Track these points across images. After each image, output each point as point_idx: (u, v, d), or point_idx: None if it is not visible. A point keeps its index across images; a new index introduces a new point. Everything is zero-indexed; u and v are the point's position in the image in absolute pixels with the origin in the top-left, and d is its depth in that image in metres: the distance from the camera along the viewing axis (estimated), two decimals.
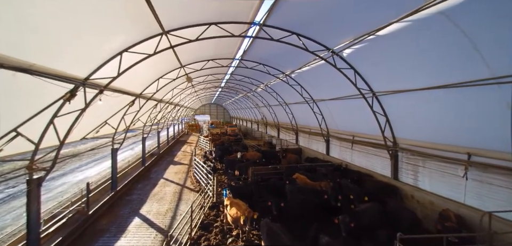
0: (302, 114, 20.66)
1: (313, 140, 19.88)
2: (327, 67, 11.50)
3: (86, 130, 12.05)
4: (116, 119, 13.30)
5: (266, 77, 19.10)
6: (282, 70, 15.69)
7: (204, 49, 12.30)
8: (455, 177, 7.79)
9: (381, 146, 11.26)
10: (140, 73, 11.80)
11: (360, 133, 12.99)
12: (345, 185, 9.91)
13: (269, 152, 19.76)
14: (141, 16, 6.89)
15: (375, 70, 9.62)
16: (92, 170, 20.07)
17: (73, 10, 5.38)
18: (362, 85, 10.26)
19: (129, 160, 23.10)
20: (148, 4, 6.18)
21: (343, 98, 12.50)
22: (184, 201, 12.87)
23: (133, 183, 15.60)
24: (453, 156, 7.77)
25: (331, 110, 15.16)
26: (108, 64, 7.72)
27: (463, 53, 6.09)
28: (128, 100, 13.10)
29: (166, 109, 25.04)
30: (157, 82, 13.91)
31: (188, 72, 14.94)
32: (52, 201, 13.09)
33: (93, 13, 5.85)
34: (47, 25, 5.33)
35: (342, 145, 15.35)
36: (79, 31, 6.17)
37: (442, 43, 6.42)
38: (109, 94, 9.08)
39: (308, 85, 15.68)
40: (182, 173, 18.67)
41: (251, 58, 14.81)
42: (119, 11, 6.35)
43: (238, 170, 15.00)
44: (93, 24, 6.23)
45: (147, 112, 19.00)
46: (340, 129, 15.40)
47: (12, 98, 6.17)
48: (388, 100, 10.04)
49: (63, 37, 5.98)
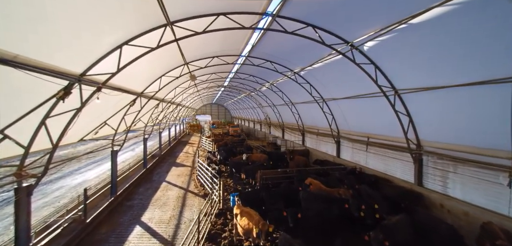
0: (309, 114, 19.83)
1: (321, 142, 19.03)
2: (342, 63, 10.68)
3: (84, 131, 11.26)
4: (116, 119, 12.51)
5: (273, 75, 18.29)
6: (290, 67, 14.86)
7: (209, 44, 11.49)
8: (495, 185, 6.95)
9: (401, 149, 10.42)
10: (142, 71, 11.02)
11: (377, 135, 12.13)
12: (365, 191, 9.07)
13: (275, 153, 18.92)
14: (143, 3, 6.09)
15: (398, 65, 8.77)
16: (92, 173, 19.29)
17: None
18: (383, 82, 9.41)
19: (130, 162, 22.34)
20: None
21: (358, 97, 11.65)
22: (188, 207, 12.06)
23: (134, 187, 14.81)
24: (493, 161, 6.92)
25: (343, 110, 14.31)
26: (106, 59, 6.92)
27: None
28: (129, 100, 12.31)
29: (167, 109, 24.25)
30: (159, 80, 13.12)
31: (191, 69, 14.14)
32: (47, 208, 12.30)
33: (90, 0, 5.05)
34: (38, 13, 4.54)
35: (354, 147, 14.50)
36: (74, 20, 5.38)
37: (498, 30, 5.44)
38: (108, 92, 8.28)
39: (318, 83, 14.84)
40: (185, 176, 17.87)
41: (258, 55, 13.99)
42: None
43: (245, 173, 14.18)
44: (89, 13, 5.43)
45: (148, 111, 18.20)
46: (352, 129, 14.55)
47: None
48: (412, 99, 9.19)
49: (55, 27, 5.19)
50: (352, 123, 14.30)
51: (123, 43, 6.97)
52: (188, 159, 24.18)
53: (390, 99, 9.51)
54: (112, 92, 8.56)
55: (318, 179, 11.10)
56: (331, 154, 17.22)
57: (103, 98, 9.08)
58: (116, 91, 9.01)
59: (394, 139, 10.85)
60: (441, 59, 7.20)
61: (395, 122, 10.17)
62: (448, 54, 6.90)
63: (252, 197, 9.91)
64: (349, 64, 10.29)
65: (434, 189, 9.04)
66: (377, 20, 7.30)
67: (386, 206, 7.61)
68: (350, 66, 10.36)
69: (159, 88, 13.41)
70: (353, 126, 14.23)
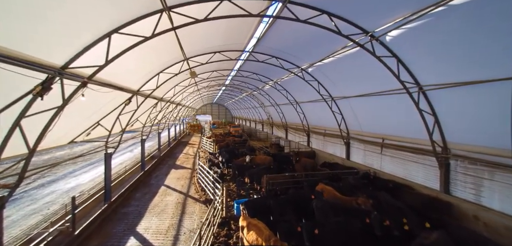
0: (316, 113, 18.84)
1: (328, 143, 18.03)
2: (356, 57, 9.70)
3: (74, 132, 10.31)
4: (110, 120, 11.55)
5: (277, 73, 17.30)
6: (298, 63, 13.88)
7: (211, 38, 10.51)
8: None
9: (424, 152, 9.42)
10: (137, 67, 10.06)
11: (394, 136, 11.13)
12: (385, 200, 8.07)
13: (280, 155, 17.95)
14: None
15: (422, 58, 7.77)
16: (87, 175, 18.33)
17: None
18: (405, 78, 8.41)
19: (128, 164, 21.40)
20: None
21: (374, 95, 10.65)
22: (188, 215, 11.09)
23: (130, 192, 13.84)
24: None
25: (354, 109, 13.31)
26: (92, 49, 5.94)
27: None
28: (124, 98, 11.35)
29: (167, 109, 23.30)
30: (157, 77, 12.15)
31: (192, 66, 13.16)
32: (35, 215, 11.34)
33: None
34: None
35: (367, 149, 13.50)
36: (54, 3, 4.43)
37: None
38: (97, 89, 7.30)
39: (326, 81, 13.84)
40: (185, 179, 16.90)
41: (263, 50, 13.01)
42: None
43: (249, 177, 13.20)
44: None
45: (146, 111, 17.23)
46: (364, 130, 13.55)
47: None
48: (438, 97, 8.19)
49: (30, 10, 4.23)
50: (364, 123, 13.30)
51: (112, 31, 6.00)
52: (188, 161, 23.22)
53: (414, 97, 8.50)
54: (101, 89, 7.58)
55: (330, 184, 10.12)
56: (339, 156, 16.23)
57: (94, 96, 8.13)
58: (107, 87, 8.03)
59: (415, 141, 9.85)
60: (476, 50, 6.20)
61: (417, 122, 9.17)
62: (486, 44, 5.90)
63: (258, 206, 8.93)
64: (365, 58, 9.30)
65: (465, 198, 8.03)
66: (403, 5, 6.30)
67: (416, 219, 6.61)
68: (366, 60, 9.37)
69: (156, 85, 12.44)
70: (366, 126, 13.23)
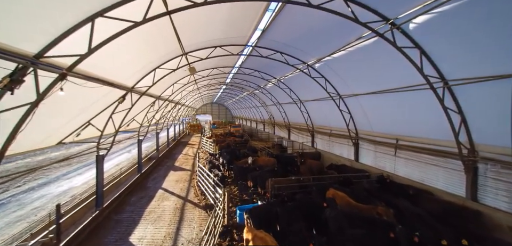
0: (321, 112, 17.97)
1: (335, 143, 17.15)
2: (371, 50, 8.84)
3: (62, 133, 9.45)
4: (103, 119, 10.68)
5: (281, 70, 16.45)
6: (304, 59, 13.01)
7: (211, 28, 9.64)
8: None
9: (446, 154, 8.54)
10: (131, 61, 9.19)
11: (410, 137, 10.24)
12: (408, 209, 7.18)
13: (284, 157, 17.04)
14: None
15: (448, 48, 6.90)
16: (81, 178, 17.47)
17: None
18: (429, 71, 7.53)
19: (125, 165, 20.54)
20: None
21: (391, 92, 9.76)
22: (186, 222, 10.22)
23: (125, 196, 12.96)
24: None
25: (365, 107, 12.43)
26: (73, 36, 5.07)
27: None
28: (118, 95, 10.49)
29: (165, 108, 22.44)
30: (153, 73, 11.28)
31: (190, 61, 12.29)
32: (21, 222, 10.47)
33: None
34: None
35: (378, 150, 12.62)
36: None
37: None
38: (81, 83, 6.42)
39: (335, 78, 12.97)
40: (184, 181, 16.03)
41: (267, 45, 12.15)
42: None
43: (252, 180, 12.32)
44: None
45: (143, 110, 16.37)
46: (374, 130, 12.67)
47: None
48: (465, 92, 7.32)
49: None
50: (375, 123, 12.42)
51: (96, 14, 5.12)
52: (187, 162, 22.35)
53: (438, 93, 7.62)
54: (87, 83, 6.70)
55: (341, 189, 9.24)
56: (347, 158, 15.35)
57: (82, 92, 7.27)
58: (94, 82, 7.14)
59: (435, 141, 8.97)
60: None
61: (438, 121, 8.31)
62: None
63: (263, 214, 8.06)
64: (381, 51, 8.45)
65: (497, 207, 7.14)
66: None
67: (449, 234, 5.72)
68: (382, 53, 8.52)
69: (153, 82, 11.56)
70: (377, 126, 12.35)
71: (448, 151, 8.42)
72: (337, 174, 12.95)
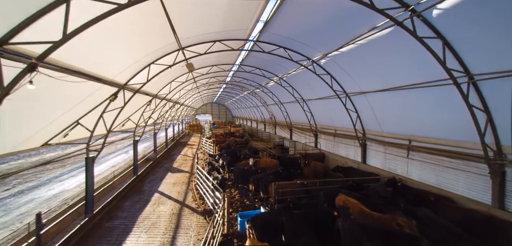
0: (326, 111, 17.21)
1: (340, 144, 16.38)
2: (384, 43, 8.06)
3: (48, 133, 8.69)
4: (93, 118, 9.92)
5: (284, 67, 15.68)
6: (308, 54, 12.24)
7: (210, 20, 8.87)
8: None
9: (468, 157, 7.76)
10: (122, 55, 8.42)
11: (425, 137, 9.47)
12: (431, 219, 6.40)
13: (286, 158, 16.29)
14: None
15: (473, 39, 6.13)
16: (74, 180, 16.71)
17: None
18: (452, 65, 6.75)
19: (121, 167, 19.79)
20: None
21: (405, 88, 8.97)
22: (183, 230, 9.45)
23: (118, 201, 12.18)
24: None
25: (374, 106, 11.66)
26: (44, 18, 4.30)
27: None
28: (109, 93, 9.73)
29: (163, 107, 21.68)
30: (147, 69, 10.51)
31: (188, 56, 11.51)
32: (3, 231, 9.70)
33: None
34: None
35: (387, 151, 11.84)
36: None
37: None
38: (60, 77, 5.64)
39: (342, 75, 12.21)
40: (182, 184, 15.26)
41: (270, 39, 11.37)
42: None
43: (254, 184, 11.55)
44: None
45: (139, 110, 15.62)
46: (384, 130, 11.90)
47: None
48: (490, 88, 6.55)
49: None
50: (385, 122, 11.65)
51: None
52: (186, 163, 21.57)
53: (462, 89, 6.84)
54: (67, 77, 5.92)
55: (351, 195, 8.47)
56: (353, 159, 14.58)
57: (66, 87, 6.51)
58: (76, 76, 6.36)
59: (456, 143, 8.19)
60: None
61: (460, 121, 7.54)
62: None
63: (267, 223, 7.30)
64: (396, 44, 7.69)
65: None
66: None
67: None
68: (398, 45, 7.76)
69: (147, 78, 10.78)
70: (388, 126, 11.58)
71: (471, 154, 7.65)
72: (344, 177, 12.19)
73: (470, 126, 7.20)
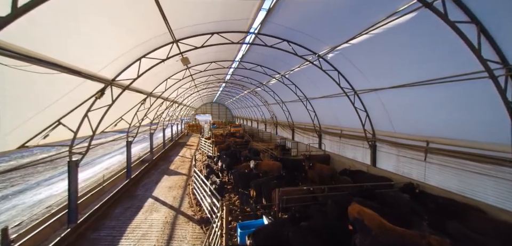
0: (331, 110, 16.23)
1: (347, 145, 15.42)
2: (405, 32, 7.09)
3: (25, 135, 7.74)
4: (77, 118, 8.97)
5: (287, 62, 14.74)
6: (314, 48, 11.29)
7: (206, 8, 7.90)
8: None
9: (500, 161, 6.79)
10: (104, 45, 7.45)
11: (446, 139, 8.49)
12: (465, 235, 5.44)
13: (289, 160, 15.31)
14: None
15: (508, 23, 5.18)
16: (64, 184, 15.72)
17: None
18: (489, 55, 5.78)
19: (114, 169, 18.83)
20: None
21: (425, 84, 7.99)
22: (177, 241, 8.49)
23: (107, 208, 11.21)
24: None
25: (387, 104, 10.70)
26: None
27: None
28: (94, 90, 8.78)
29: (159, 107, 20.72)
30: (138, 63, 9.56)
31: (183, 49, 10.55)
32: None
33: None
34: None
35: (401, 154, 10.88)
36: None
37: None
38: (20, 65, 4.66)
39: (350, 70, 11.25)
40: (178, 188, 14.30)
41: (273, 31, 10.42)
42: None
43: (255, 189, 10.57)
44: None
45: (133, 108, 14.66)
46: (397, 130, 10.93)
47: None
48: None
49: None
50: (399, 122, 10.68)
51: None
52: (183, 165, 20.62)
53: (500, 82, 5.87)
54: (30, 66, 4.92)
55: (366, 204, 7.50)
56: (362, 162, 13.62)
57: (35, 80, 5.55)
58: (43, 67, 5.37)
59: (484, 145, 7.21)
60: None
61: (494, 120, 6.57)
62: None
63: (271, 238, 6.35)
64: (419, 31, 6.72)
65: None
66: None
67: None
68: (420, 34, 6.79)
69: (138, 73, 9.83)
70: (402, 126, 10.60)
71: (502, 158, 6.67)
72: (353, 182, 11.23)
73: (505, 125, 6.23)
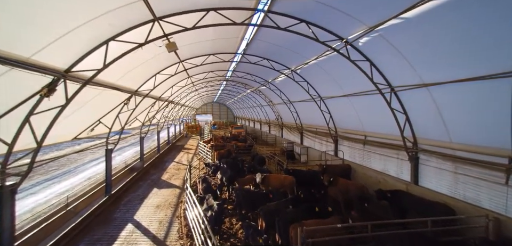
0: (352, 111, 13.45)
1: (373, 154, 12.66)
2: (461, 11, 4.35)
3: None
4: (12, 124, 6.31)
5: (301, 53, 12.09)
6: (341, 32, 8.62)
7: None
8: None
9: None
10: (56, 22, 4.78)
11: None
12: None
13: (303, 173, 12.56)
14: None
15: None
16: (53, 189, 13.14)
17: None
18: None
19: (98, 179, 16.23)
20: None
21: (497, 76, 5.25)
22: None
23: (68, 241, 8.50)
24: None
25: (442, 105, 7.95)
26: None
27: None
28: (38, 84, 6.11)
29: (151, 107, 18.12)
30: (104, 47, 6.89)
31: (168, 31, 7.86)
32: None
33: None
34: None
35: (458, 172, 8.11)
36: None
37: None
38: None
39: (388, 58, 8.58)
40: (167, 207, 11.65)
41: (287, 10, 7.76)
42: None
43: (265, 220, 7.82)
44: None
45: (114, 109, 11.96)
46: (454, 140, 8.16)
47: None
48: None
49: None
50: (457, 129, 7.92)
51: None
52: (178, 173, 18.00)
53: None
54: None
55: None
56: (395, 177, 10.91)
57: None
58: None
59: None
60: None
61: None
62: None
63: None
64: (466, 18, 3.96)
65: None
66: None
67: None
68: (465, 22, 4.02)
69: (104, 63, 7.13)
70: (462, 134, 7.84)
71: None
72: (396, 207, 8.51)
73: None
